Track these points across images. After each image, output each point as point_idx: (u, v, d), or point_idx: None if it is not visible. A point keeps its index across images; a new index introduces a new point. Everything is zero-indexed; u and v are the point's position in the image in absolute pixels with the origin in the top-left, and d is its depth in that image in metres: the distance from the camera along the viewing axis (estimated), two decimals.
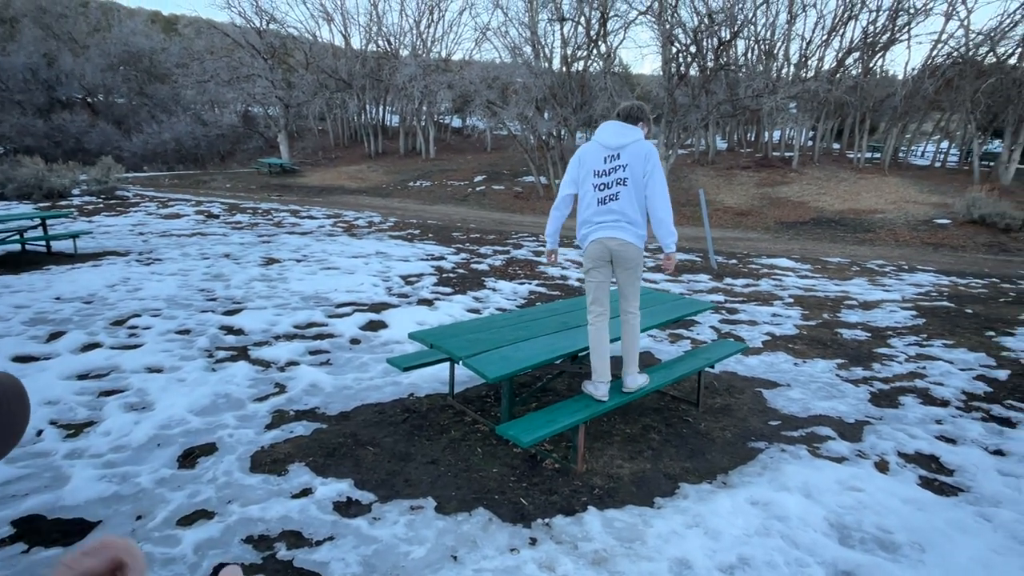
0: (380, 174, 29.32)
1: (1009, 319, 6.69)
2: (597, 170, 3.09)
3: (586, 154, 3.16)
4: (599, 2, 23.74)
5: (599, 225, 3.09)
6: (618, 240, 3.05)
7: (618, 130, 3.11)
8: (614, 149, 3.07)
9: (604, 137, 3.12)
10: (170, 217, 13.48)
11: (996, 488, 3.11)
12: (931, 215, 17.10)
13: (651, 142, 3.11)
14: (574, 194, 3.23)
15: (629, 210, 3.04)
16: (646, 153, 3.02)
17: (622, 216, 3.04)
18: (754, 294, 7.86)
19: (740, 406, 4.10)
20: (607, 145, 3.09)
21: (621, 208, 3.04)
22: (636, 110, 3.19)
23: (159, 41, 39.52)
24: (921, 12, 25.26)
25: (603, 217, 3.08)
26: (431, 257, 9.46)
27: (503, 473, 3.09)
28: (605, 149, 3.09)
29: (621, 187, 3.03)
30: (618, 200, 3.04)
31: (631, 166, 3.01)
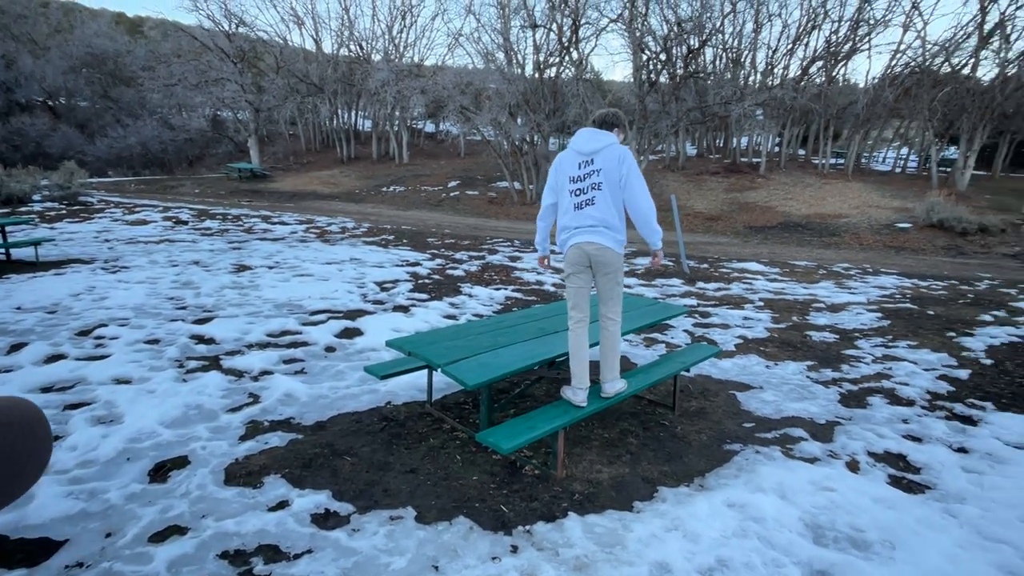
0: (353, 179, 29.04)
1: (968, 320, 6.93)
2: (572, 176, 3.13)
3: (562, 162, 3.20)
4: (571, 9, 23.98)
5: (577, 230, 3.12)
6: (596, 245, 3.08)
7: (592, 136, 3.15)
8: (588, 155, 3.10)
9: (578, 143, 3.16)
10: (137, 223, 13.13)
11: (961, 485, 3.21)
12: (893, 219, 17.65)
13: (625, 146, 3.15)
14: (555, 202, 3.27)
15: (606, 214, 3.06)
16: (619, 156, 3.06)
17: (599, 221, 3.07)
18: (726, 298, 8.00)
19: (715, 409, 4.16)
20: (581, 151, 3.13)
21: (597, 213, 3.07)
22: (611, 116, 3.25)
23: (124, 43, 38.54)
24: (880, 23, 26.13)
25: (580, 222, 3.10)
26: (406, 263, 9.40)
27: (483, 480, 3.09)
28: (579, 155, 3.13)
29: (596, 192, 3.06)
30: (594, 205, 3.07)
31: (605, 170, 3.05)
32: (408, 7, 34.51)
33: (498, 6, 25.55)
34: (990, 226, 15.67)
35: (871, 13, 25.73)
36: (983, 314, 7.27)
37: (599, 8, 24.96)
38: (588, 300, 3.23)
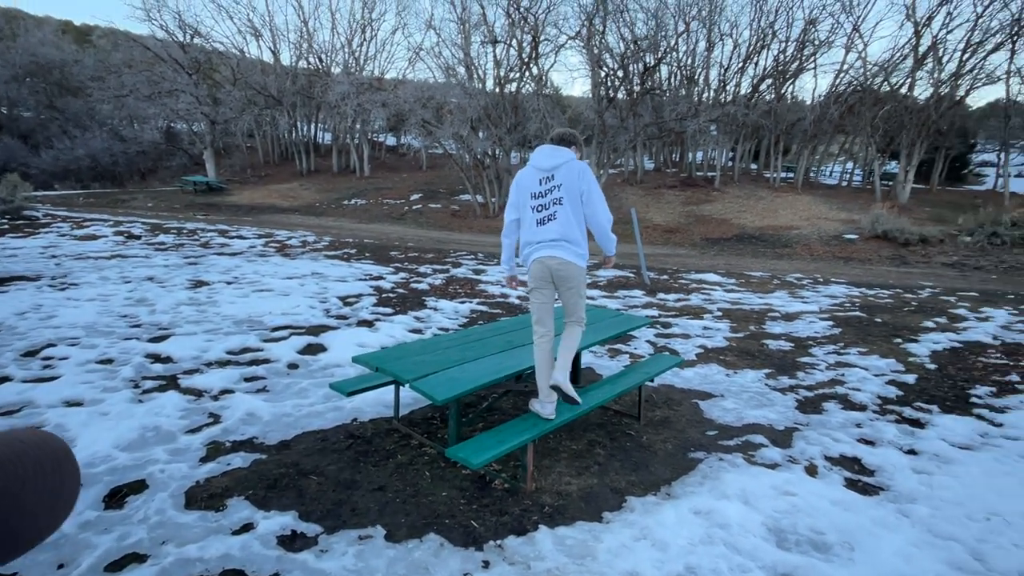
0: (313, 192, 28.62)
1: (913, 327, 7.28)
2: (534, 192, 3.18)
3: (523, 178, 3.25)
4: (530, 26, 24.37)
5: (539, 245, 3.16)
6: (558, 260, 3.12)
7: (551, 152, 3.21)
8: (548, 171, 3.16)
9: (538, 160, 3.22)
10: (86, 239, 12.60)
11: (912, 485, 3.36)
12: (841, 231, 18.42)
13: (583, 162, 3.23)
14: (518, 218, 3.30)
15: (568, 229, 3.11)
16: (579, 171, 3.13)
17: (561, 236, 3.11)
18: (685, 308, 8.19)
19: (679, 418, 4.25)
20: (541, 167, 3.18)
21: (559, 227, 3.11)
22: (568, 135, 3.33)
23: (71, 52, 37.16)
24: (824, 44, 27.49)
25: (543, 237, 3.14)
26: (369, 277, 9.30)
27: (453, 496, 3.07)
28: (540, 172, 3.18)
29: (558, 207, 3.12)
30: (556, 220, 3.12)
31: (566, 185, 3.11)
32: (368, 21, 34.48)
33: (458, 22, 25.77)
34: (930, 237, 16.52)
35: (816, 34, 27.04)
36: (926, 321, 7.64)
37: (558, 25, 25.47)
38: (552, 314, 3.27)
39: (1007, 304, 9.20)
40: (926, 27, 23.69)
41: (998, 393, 4.89)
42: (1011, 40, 22.31)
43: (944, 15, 23.39)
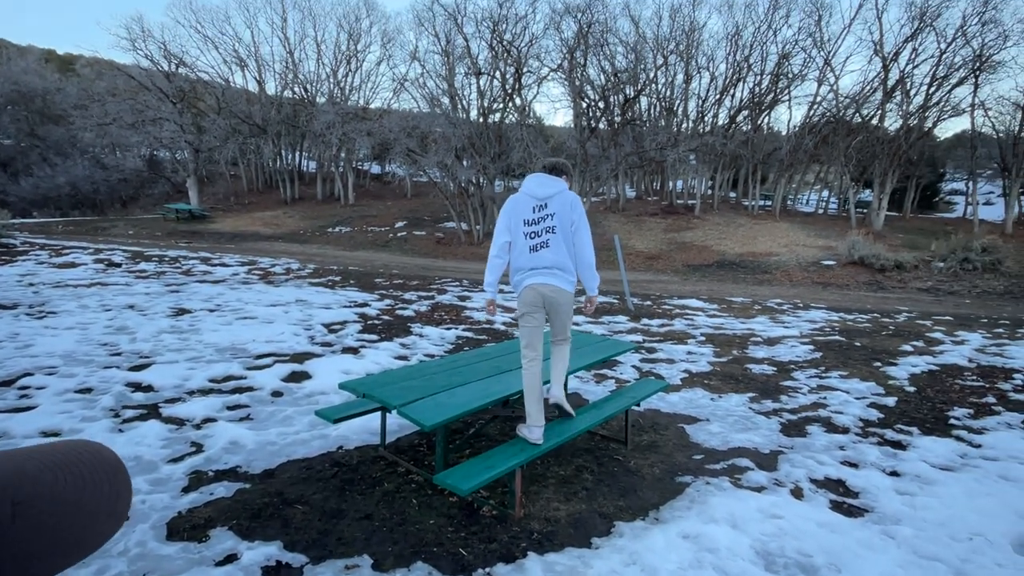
0: (297, 220, 28.57)
1: (891, 350, 7.42)
2: (527, 219, 3.25)
3: (516, 204, 3.31)
4: (513, 59, 24.92)
5: (531, 272, 3.22)
6: (551, 287, 3.20)
7: (544, 181, 3.30)
8: (542, 199, 3.24)
9: (532, 188, 3.30)
10: (65, 266, 12.41)
11: (896, 507, 3.40)
12: (819, 257, 18.80)
13: (575, 193, 3.32)
14: (509, 241, 3.34)
15: (559, 257, 3.20)
16: (571, 202, 3.23)
17: (553, 263, 3.20)
18: (669, 333, 8.26)
19: (665, 442, 4.27)
20: (535, 196, 3.26)
21: (551, 255, 3.20)
22: (561, 165, 3.44)
23: (54, 81, 37.06)
24: (798, 77, 28.44)
25: (535, 264, 3.21)
26: (354, 304, 9.26)
27: (440, 524, 3.04)
28: (533, 199, 3.26)
29: (550, 235, 3.20)
30: (549, 248, 3.20)
31: (559, 215, 3.20)
32: (353, 52, 34.98)
33: (442, 54, 26.28)
34: (905, 263, 16.93)
35: (789, 68, 27.99)
36: (904, 344, 7.80)
37: (540, 58, 26.02)
38: (541, 339, 3.32)
39: (981, 328, 9.42)
40: (894, 62, 24.68)
41: (976, 415, 4.99)
42: (974, 75, 23.29)
43: (910, 51, 24.41)
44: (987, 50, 22.62)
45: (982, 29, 22.45)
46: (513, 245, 3.30)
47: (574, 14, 25.36)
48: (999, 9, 22.13)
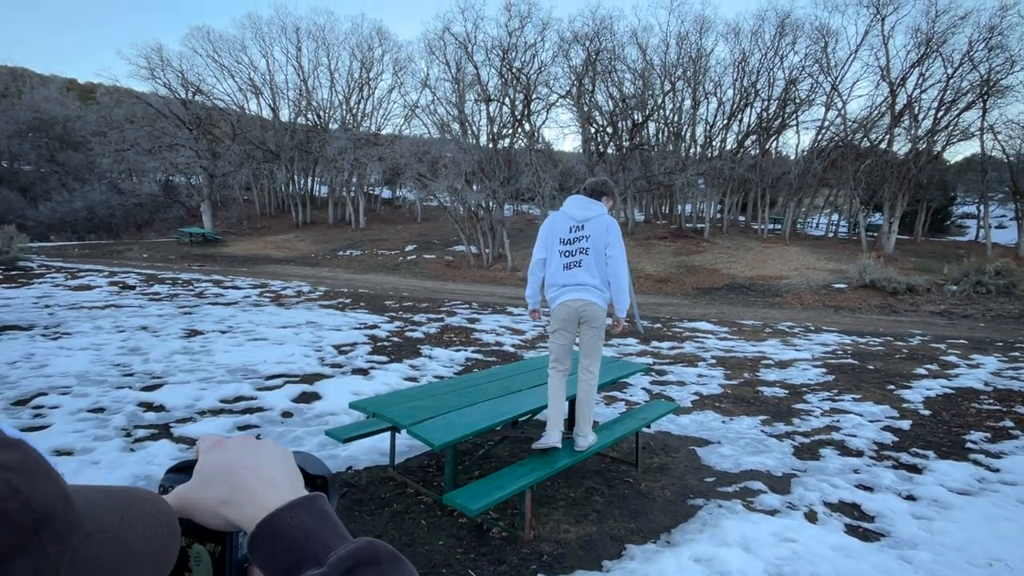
0: (308, 243, 28.88)
1: (905, 374, 7.33)
2: (563, 239, 3.38)
3: (555, 223, 3.45)
4: (522, 86, 25.32)
5: (564, 289, 3.36)
6: (583, 301, 3.32)
7: (583, 204, 3.41)
8: (579, 221, 3.36)
9: (571, 210, 3.41)
10: (80, 289, 12.59)
11: (912, 531, 3.34)
12: (829, 280, 18.69)
13: (612, 218, 3.40)
14: (545, 257, 3.49)
15: (590, 277, 3.32)
16: (607, 226, 3.34)
17: (586, 282, 3.32)
18: (680, 356, 8.22)
19: (676, 464, 4.23)
20: (573, 217, 3.38)
21: (584, 275, 3.32)
22: (601, 185, 3.53)
23: (74, 108, 38.06)
24: (805, 103, 28.65)
25: (568, 281, 3.35)
26: (364, 326, 9.31)
27: (450, 545, 3.02)
28: (571, 220, 3.38)
29: (583, 256, 3.32)
30: (581, 267, 3.33)
31: (593, 237, 3.31)
32: (365, 80, 35.69)
33: (453, 81, 26.76)
34: (917, 286, 16.79)
35: (796, 93, 28.21)
36: (918, 368, 7.70)
37: (549, 85, 26.41)
38: (570, 355, 3.44)
39: (996, 351, 9.30)
40: (901, 87, 24.82)
41: (993, 439, 4.91)
42: (982, 100, 23.35)
43: (917, 76, 24.56)
44: (994, 75, 22.71)
45: (989, 54, 22.59)
46: (549, 262, 3.45)
47: (582, 42, 25.83)
48: (1005, 35, 22.30)
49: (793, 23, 27.06)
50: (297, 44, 35.33)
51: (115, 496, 0.38)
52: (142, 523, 0.37)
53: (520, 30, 25.28)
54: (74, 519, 0.32)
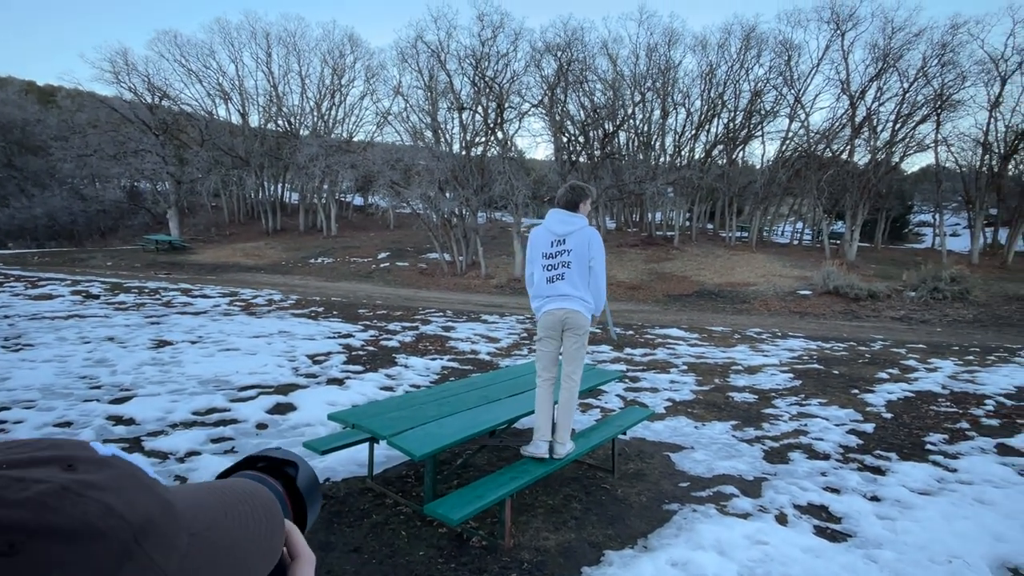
0: (279, 251, 28.44)
1: (868, 378, 7.59)
2: (545, 252, 3.47)
3: (537, 238, 3.54)
4: (495, 94, 25.46)
5: (548, 299, 3.47)
6: (566, 310, 3.42)
7: (563, 219, 3.47)
8: (560, 235, 3.45)
9: (551, 225, 3.49)
10: (41, 298, 12.17)
11: (877, 531, 3.47)
12: (795, 287, 19.19)
13: (593, 229, 3.47)
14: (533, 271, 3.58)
15: (573, 288, 3.43)
16: (589, 241, 3.42)
17: (568, 292, 3.42)
18: (652, 362, 8.36)
19: (652, 470, 4.31)
20: (554, 232, 3.46)
21: (567, 287, 3.42)
22: (576, 193, 3.53)
23: (34, 112, 36.81)
24: (770, 114, 29.46)
25: (552, 292, 3.45)
26: (338, 335, 9.23)
27: (430, 555, 3.03)
28: (552, 235, 3.46)
29: (566, 269, 3.42)
30: (564, 280, 3.43)
31: (575, 251, 3.40)
32: (337, 87, 35.42)
33: (426, 89, 26.75)
34: (878, 292, 17.37)
35: (761, 105, 28.99)
36: (880, 372, 7.98)
37: (521, 94, 26.60)
38: (556, 363, 3.53)
39: (952, 355, 9.69)
40: (860, 100, 25.73)
41: (951, 440, 5.13)
42: (936, 113, 24.36)
43: (875, 89, 25.50)
44: (947, 89, 23.73)
45: (942, 70, 23.60)
46: (534, 274, 3.55)
47: (554, 52, 26.11)
48: (956, 52, 23.32)
49: (758, 37, 27.85)
50: (267, 50, 34.90)
51: (218, 491, 0.41)
52: (247, 515, 0.40)
53: (493, 40, 25.44)
54: (177, 523, 0.34)
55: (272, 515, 0.42)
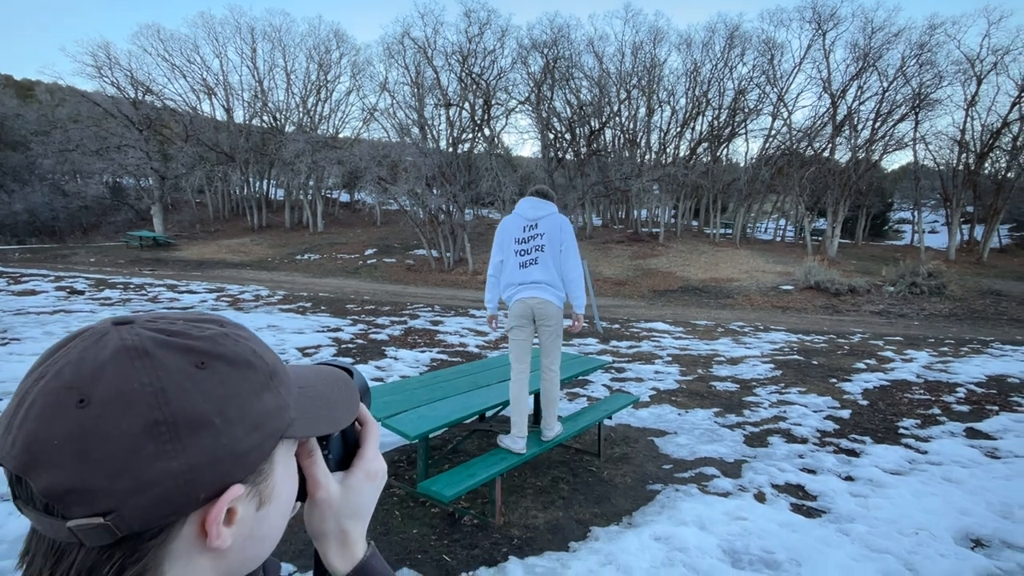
0: (265, 247, 28.28)
1: (846, 368, 7.81)
2: (518, 238, 3.47)
3: (508, 224, 3.54)
4: (482, 91, 25.53)
5: (521, 287, 3.43)
6: (538, 299, 3.40)
7: (536, 204, 3.52)
8: (532, 220, 3.47)
9: (524, 210, 3.52)
10: (24, 294, 12.06)
11: (850, 507, 3.64)
12: (777, 282, 19.51)
13: (564, 216, 3.56)
14: (502, 259, 3.58)
15: (547, 274, 3.42)
16: (560, 224, 3.47)
17: (541, 279, 3.41)
18: (637, 354, 8.53)
19: (636, 454, 4.46)
20: (526, 216, 3.49)
21: (540, 272, 3.41)
22: (549, 192, 3.66)
23: (12, 106, 36.15)
24: (753, 112, 29.82)
25: (524, 279, 3.43)
26: (327, 329, 9.28)
27: (423, 533, 3.15)
28: (524, 220, 3.48)
29: (539, 253, 3.42)
30: (537, 264, 3.42)
31: (548, 235, 3.43)
32: (323, 82, 35.21)
33: (412, 85, 26.74)
34: (858, 287, 17.73)
35: (745, 103, 29.33)
36: (858, 362, 8.22)
37: (508, 91, 26.71)
38: (529, 352, 3.51)
39: (928, 347, 9.97)
40: (841, 98, 26.15)
41: (922, 424, 5.33)
42: (914, 112, 24.84)
43: (856, 88, 25.92)
44: (925, 89, 24.20)
45: (920, 70, 24.05)
46: (505, 262, 3.52)
47: (541, 49, 26.25)
48: (934, 52, 23.79)
49: (742, 36, 28.18)
50: (252, 45, 34.59)
51: (312, 368, 0.55)
52: (331, 383, 0.53)
53: (479, 36, 25.52)
54: (289, 376, 0.48)
55: (348, 385, 0.55)
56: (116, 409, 0.36)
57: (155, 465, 0.36)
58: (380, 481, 0.59)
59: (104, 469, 0.35)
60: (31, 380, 0.38)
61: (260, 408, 0.43)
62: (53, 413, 0.35)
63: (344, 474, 0.56)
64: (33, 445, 0.35)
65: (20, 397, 0.37)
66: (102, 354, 0.38)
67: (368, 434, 0.58)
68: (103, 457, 0.35)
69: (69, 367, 0.37)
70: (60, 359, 0.38)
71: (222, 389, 0.40)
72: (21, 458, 0.35)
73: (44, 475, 0.35)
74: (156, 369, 0.38)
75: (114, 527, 0.36)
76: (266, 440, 0.43)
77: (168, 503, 0.37)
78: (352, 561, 0.55)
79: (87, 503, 0.35)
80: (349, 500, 0.55)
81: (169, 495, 0.37)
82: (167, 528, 0.38)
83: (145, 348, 0.39)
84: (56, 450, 0.35)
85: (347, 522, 0.55)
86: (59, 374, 0.37)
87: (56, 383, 0.36)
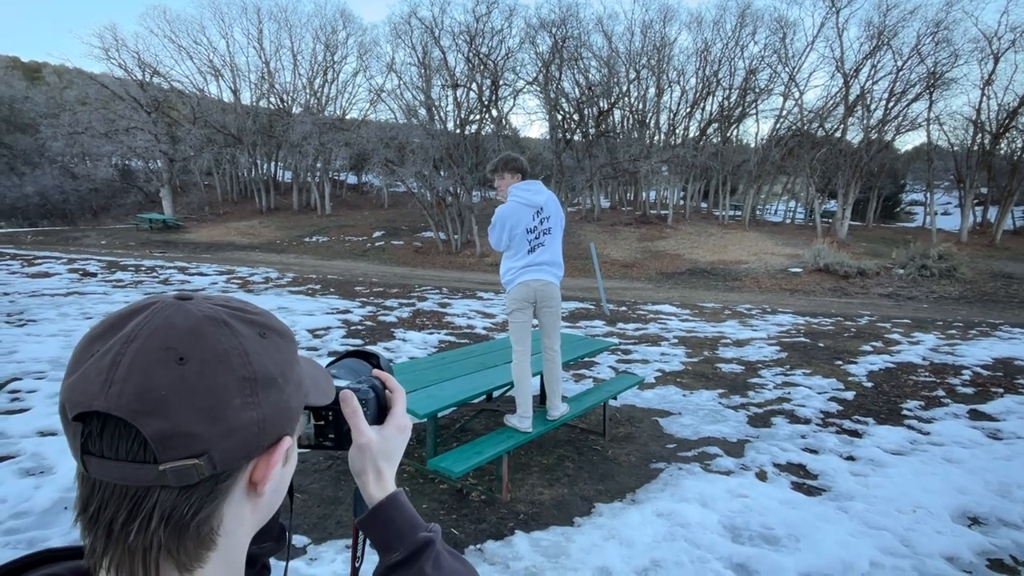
0: (273, 230, 28.41)
1: (852, 350, 7.84)
2: (529, 227, 3.39)
3: (516, 215, 3.38)
4: (489, 71, 25.32)
5: (525, 269, 3.41)
6: (541, 281, 3.43)
7: (535, 187, 3.48)
8: (539, 205, 3.42)
9: (528, 197, 3.40)
10: (38, 276, 12.26)
11: (850, 486, 3.72)
12: (786, 265, 19.43)
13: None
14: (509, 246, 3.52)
15: (553, 254, 3.47)
16: (558, 203, 3.54)
17: (548, 260, 3.45)
18: (644, 336, 8.58)
19: (641, 433, 4.54)
20: (533, 203, 3.40)
21: (547, 254, 3.45)
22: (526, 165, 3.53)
23: (20, 89, 36.24)
24: (764, 92, 29.40)
25: (530, 261, 3.41)
26: (336, 311, 9.39)
27: (432, 508, 3.25)
28: (532, 207, 3.39)
29: (547, 235, 3.45)
30: (545, 247, 3.44)
31: (554, 217, 3.47)
32: (330, 63, 34.99)
33: (419, 66, 26.52)
34: (867, 270, 17.63)
35: (756, 83, 28.91)
36: (864, 345, 8.24)
37: (516, 71, 26.46)
38: (530, 334, 3.54)
39: (936, 330, 9.96)
40: (854, 78, 25.71)
41: (926, 406, 5.38)
42: (928, 91, 24.41)
43: (869, 67, 25.46)
44: (940, 68, 23.73)
45: (935, 48, 23.56)
46: (512, 247, 3.44)
47: (549, 29, 25.92)
48: (950, 30, 23.27)
49: (753, 14, 27.67)
50: (258, 25, 34.36)
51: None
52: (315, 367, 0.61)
53: (487, 15, 25.20)
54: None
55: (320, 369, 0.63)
56: (214, 366, 0.43)
57: (241, 414, 0.44)
58: (407, 433, 0.74)
59: (204, 416, 0.42)
60: (119, 342, 0.43)
61: (300, 373, 0.52)
62: (155, 369, 0.42)
63: (379, 427, 0.70)
64: (143, 395, 0.41)
65: (112, 356, 0.42)
66: (189, 320, 0.45)
67: (396, 398, 0.73)
68: (203, 406, 0.42)
69: (160, 331, 0.44)
70: (143, 325, 0.44)
71: (279, 355, 0.49)
72: (132, 406, 0.41)
73: (153, 421, 0.41)
74: (236, 336, 0.46)
75: (205, 466, 0.42)
76: (301, 402, 0.52)
77: (246, 447, 0.45)
78: (384, 491, 0.69)
79: (185, 446, 0.42)
80: (384, 446, 0.69)
81: (248, 440, 0.45)
82: (234, 473, 0.46)
83: (223, 318, 0.47)
84: (163, 400, 0.41)
85: (382, 463, 0.69)
86: (152, 336, 0.43)
87: (152, 344, 0.43)
